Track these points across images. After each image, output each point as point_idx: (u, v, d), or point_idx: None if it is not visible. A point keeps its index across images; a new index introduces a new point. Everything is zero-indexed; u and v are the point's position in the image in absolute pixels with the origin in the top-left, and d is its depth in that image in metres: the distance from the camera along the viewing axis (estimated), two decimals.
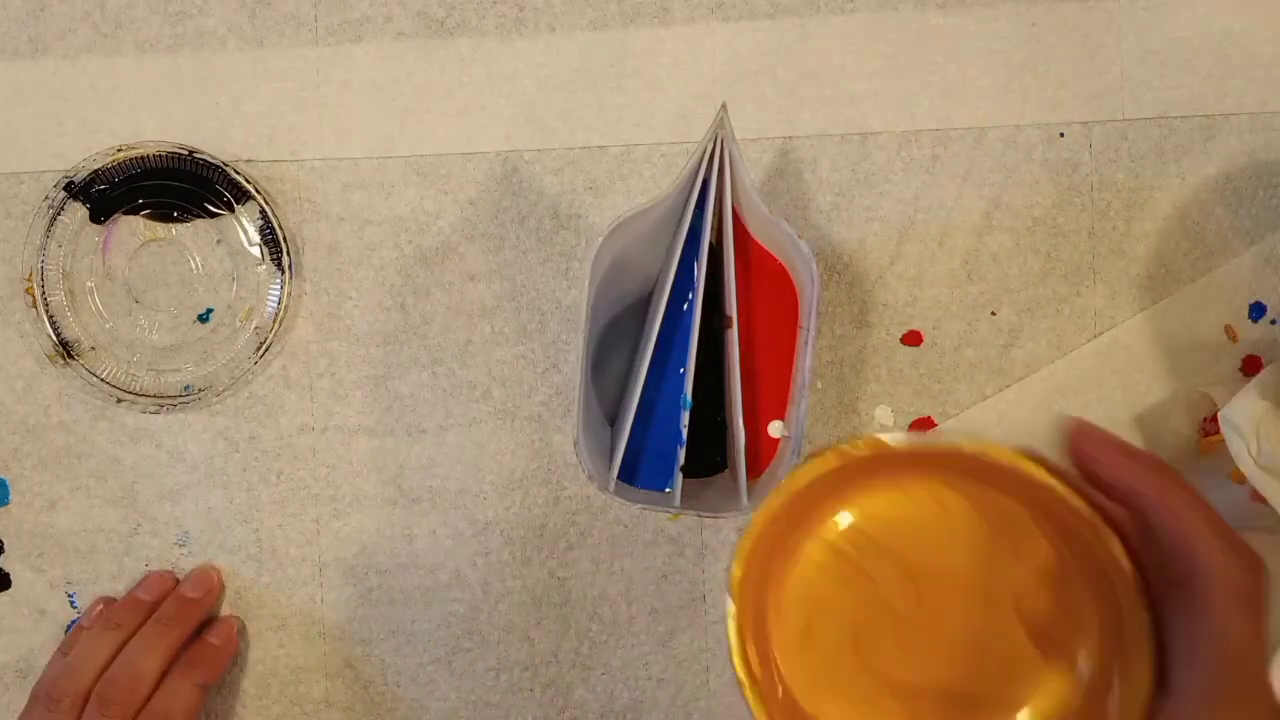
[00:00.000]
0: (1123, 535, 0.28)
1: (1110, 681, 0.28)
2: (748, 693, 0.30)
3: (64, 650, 0.50)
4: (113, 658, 0.48)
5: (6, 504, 0.53)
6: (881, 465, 0.30)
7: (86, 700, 0.47)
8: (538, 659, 0.52)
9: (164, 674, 0.48)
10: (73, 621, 0.52)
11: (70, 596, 0.53)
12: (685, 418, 0.43)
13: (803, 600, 0.31)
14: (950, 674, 0.30)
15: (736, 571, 0.30)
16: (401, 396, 0.52)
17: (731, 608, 0.30)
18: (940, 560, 0.31)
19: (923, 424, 0.51)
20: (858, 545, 0.31)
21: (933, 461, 0.30)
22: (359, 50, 0.52)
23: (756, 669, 0.30)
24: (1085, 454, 0.29)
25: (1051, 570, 0.30)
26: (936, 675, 0.30)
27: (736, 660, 0.30)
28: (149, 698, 0.47)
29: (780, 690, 0.31)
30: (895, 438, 0.30)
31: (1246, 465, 0.44)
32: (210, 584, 0.51)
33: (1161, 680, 0.27)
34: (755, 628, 0.31)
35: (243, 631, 0.52)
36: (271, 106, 0.52)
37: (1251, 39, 0.51)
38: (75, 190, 0.51)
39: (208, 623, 0.52)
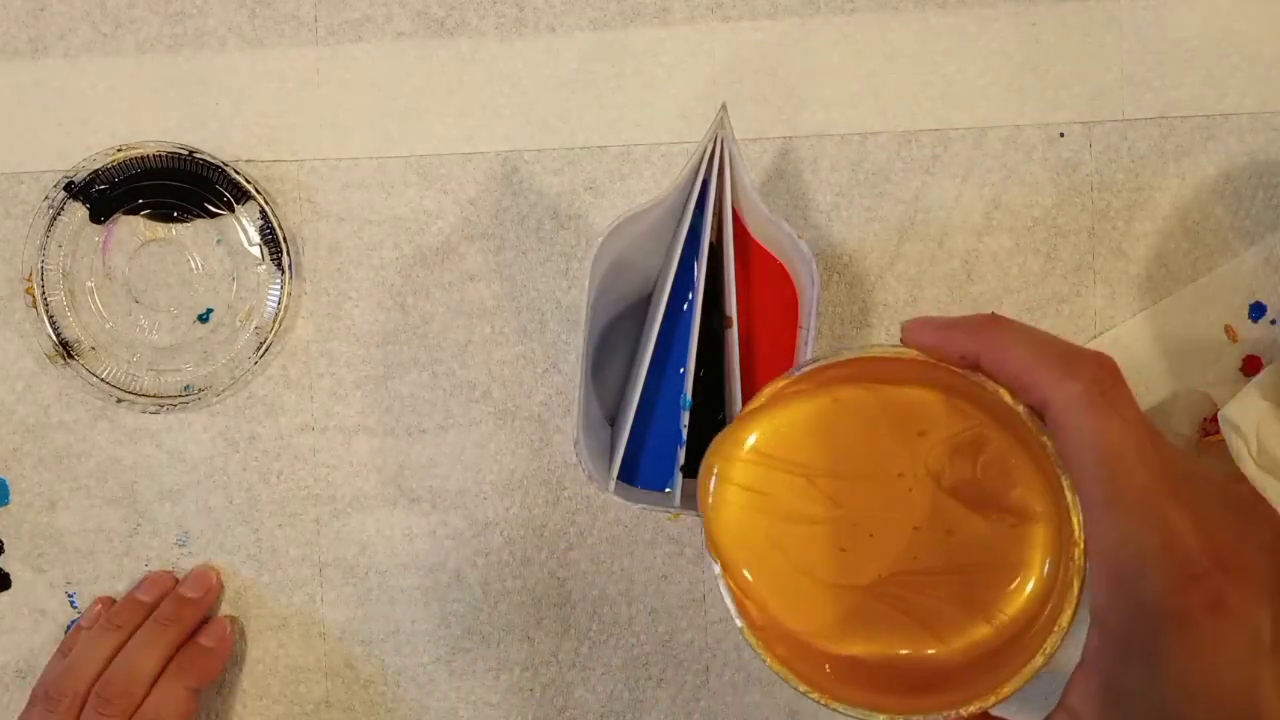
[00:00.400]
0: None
1: (1064, 516, 0.29)
2: (756, 644, 0.30)
3: (64, 651, 0.50)
4: (112, 658, 0.48)
5: (6, 504, 0.53)
6: (789, 396, 0.31)
7: (85, 700, 0.47)
8: (538, 659, 0.52)
9: (161, 674, 0.48)
10: (73, 621, 0.52)
11: (70, 596, 0.53)
12: (685, 418, 0.43)
13: (735, 543, 0.32)
14: (905, 559, 0.31)
15: (720, 535, 0.31)
16: (401, 396, 0.52)
17: (717, 568, 0.31)
18: (842, 459, 0.31)
19: None
20: (751, 463, 0.32)
21: (832, 379, 0.31)
22: (359, 50, 0.52)
23: (756, 616, 0.31)
24: (919, 346, 0.29)
25: (964, 440, 0.30)
26: (890, 564, 0.31)
27: (739, 618, 0.31)
28: (145, 697, 0.47)
29: (784, 634, 0.31)
30: (789, 375, 0.30)
31: (1246, 465, 0.44)
32: (209, 584, 0.51)
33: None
34: (740, 582, 0.31)
35: (241, 632, 0.52)
36: (271, 106, 0.52)
37: (1251, 39, 0.51)
38: (75, 190, 0.51)
39: (202, 624, 0.52)
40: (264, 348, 0.52)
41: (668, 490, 0.44)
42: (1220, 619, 0.24)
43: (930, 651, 0.30)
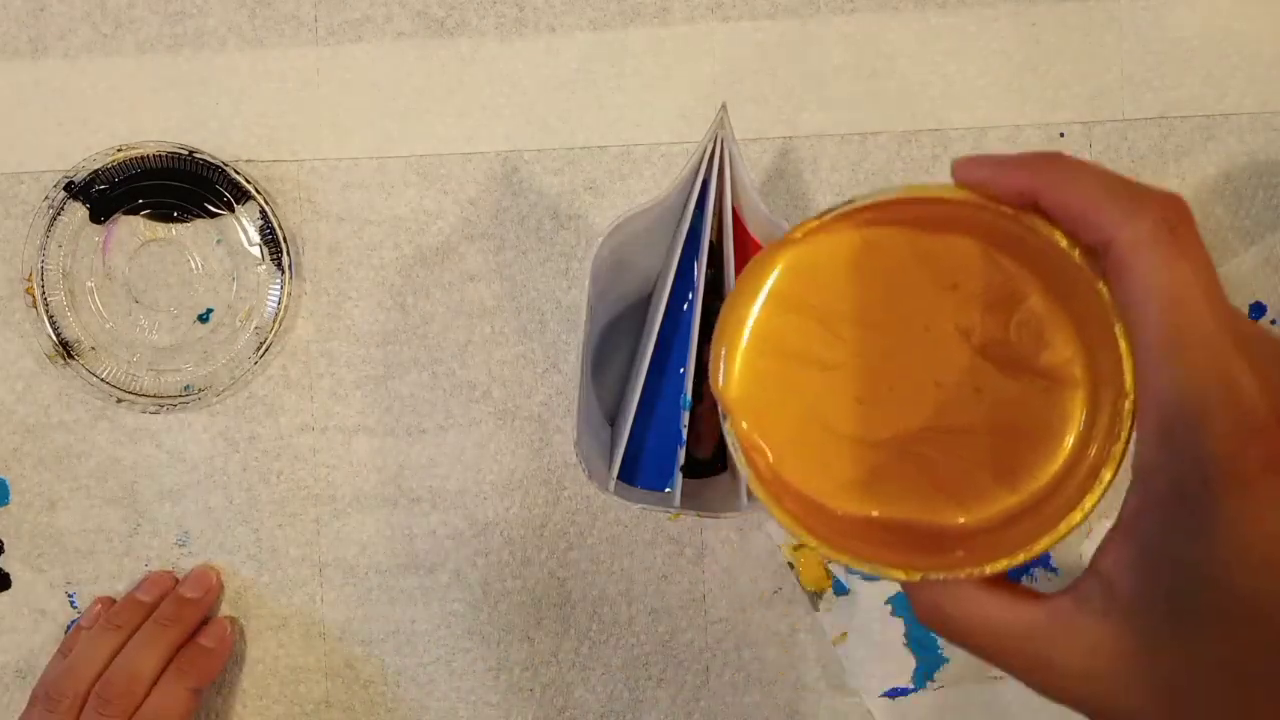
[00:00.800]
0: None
1: (1106, 378, 0.27)
2: (763, 495, 0.28)
3: (64, 651, 0.50)
4: (112, 658, 0.48)
5: (6, 504, 0.53)
6: (818, 235, 0.29)
7: (86, 700, 0.47)
8: (538, 659, 0.52)
9: (161, 674, 0.48)
10: (73, 621, 0.52)
11: (70, 596, 0.53)
12: (685, 418, 0.43)
13: (745, 388, 0.30)
14: (928, 417, 0.29)
15: (730, 390, 0.29)
16: (401, 396, 0.52)
17: (728, 424, 0.29)
18: (866, 306, 0.29)
19: None
20: (769, 305, 0.30)
21: (868, 220, 0.29)
22: (359, 50, 0.52)
23: (764, 469, 0.29)
24: (972, 182, 0.27)
25: (998, 295, 0.29)
26: (910, 421, 0.29)
27: (745, 467, 0.29)
28: (145, 698, 0.47)
29: (793, 490, 0.29)
30: (823, 213, 0.28)
31: None
32: (209, 584, 0.51)
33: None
34: (750, 439, 0.29)
35: (241, 632, 0.52)
36: (271, 106, 0.52)
37: (1251, 39, 0.51)
38: (75, 190, 0.51)
39: (202, 624, 0.52)
40: (264, 348, 0.52)
41: (668, 490, 0.44)
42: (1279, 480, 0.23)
43: (949, 514, 0.29)
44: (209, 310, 0.52)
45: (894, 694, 0.51)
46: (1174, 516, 0.24)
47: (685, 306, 0.44)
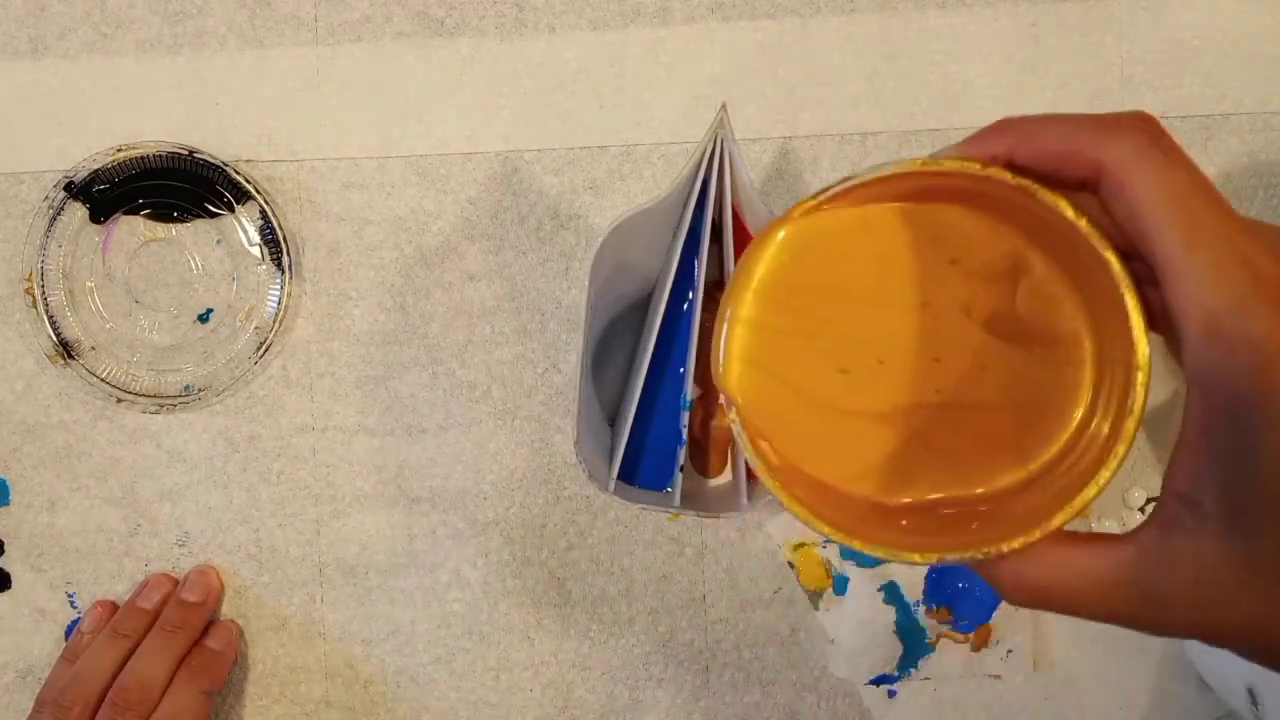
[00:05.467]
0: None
1: (1114, 350, 0.27)
2: (773, 485, 0.28)
3: (68, 657, 0.50)
4: (120, 666, 0.48)
5: (7, 504, 0.53)
6: (815, 216, 0.29)
7: (96, 709, 0.47)
8: (538, 659, 0.52)
9: (172, 680, 0.48)
10: (73, 622, 0.52)
11: (70, 596, 0.53)
12: (685, 418, 0.43)
13: (750, 378, 0.29)
14: (925, 392, 0.29)
15: (731, 379, 0.29)
16: (401, 396, 0.52)
17: (732, 412, 0.29)
18: (859, 285, 0.29)
19: None
20: (763, 291, 0.29)
21: (868, 197, 0.28)
22: (359, 50, 0.52)
23: (773, 457, 0.29)
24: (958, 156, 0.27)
25: (1001, 268, 0.28)
26: (906, 396, 0.29)
27: (754, 457, 0.28)
28: (159, 704, 0.47)
29: (803, 477, 0.29)
30: (819, 194, 0.28)
31: None
32: (210, 586, 0.51)
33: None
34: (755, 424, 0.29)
35: (240, 633, 0.52)
36: (271, 106, 0.52)
37: (1251, 39, 0.51)
38: (75, 190, 0.51)
39: (208, 626, 0.52)
40: (264, 348, 0.52)
41: (668, 490, 0.44)
42: None
43: (960, 491, 0.28)
44: (209, 310, 0.52)
45: (878, 682, 0.51)
46: (1242, 412, 0.23)
47: (685, 306, 0.44)
